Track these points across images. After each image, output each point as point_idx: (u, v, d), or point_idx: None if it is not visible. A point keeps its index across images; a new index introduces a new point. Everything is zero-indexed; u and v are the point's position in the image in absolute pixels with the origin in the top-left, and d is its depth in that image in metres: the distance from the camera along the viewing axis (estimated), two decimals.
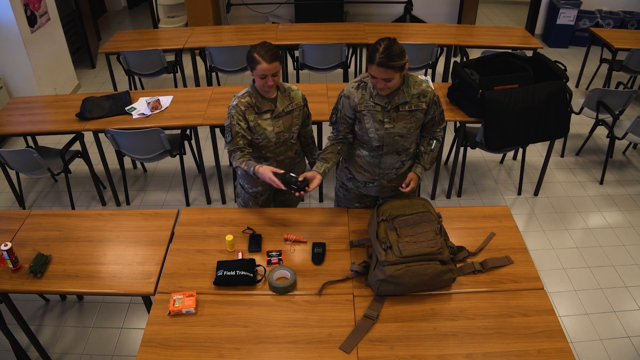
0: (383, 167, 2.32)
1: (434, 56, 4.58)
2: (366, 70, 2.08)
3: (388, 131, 2.18)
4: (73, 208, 3.73)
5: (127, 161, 4.19)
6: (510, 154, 4.33)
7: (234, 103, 2.30)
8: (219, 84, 5.39)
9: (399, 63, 1.95)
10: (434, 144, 2.31)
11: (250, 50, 2.18)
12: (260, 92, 2.29)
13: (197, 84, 5.15)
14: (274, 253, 2.19)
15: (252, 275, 2.04)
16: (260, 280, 2.06)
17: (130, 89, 4.89)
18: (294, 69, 4.81)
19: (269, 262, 2.15)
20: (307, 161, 2.71)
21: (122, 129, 3.29)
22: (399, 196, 2.28)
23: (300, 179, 2.13)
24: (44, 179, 4.14)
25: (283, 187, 2.14)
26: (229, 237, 2.19)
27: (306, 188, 2.13)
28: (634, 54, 4.64)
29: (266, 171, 2.16)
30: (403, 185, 2.27)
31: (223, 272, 2.04)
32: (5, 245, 2.10)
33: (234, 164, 2.30)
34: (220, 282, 2.03)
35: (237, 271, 2.04)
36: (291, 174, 2.15)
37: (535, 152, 4.36)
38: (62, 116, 3.52)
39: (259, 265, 2.12)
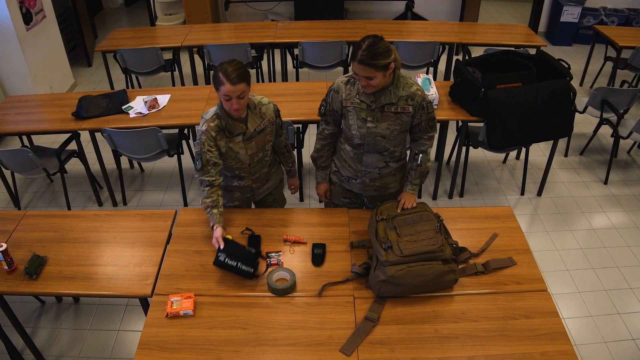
0: (365, 165, 2.29)
1: (435, 54, 4.55)
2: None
3: (370, 130, 2.14)
4: (69, 208, 3.70)
5: (124, 161, 4.15)
6: (513, 153, 4.30)
7: (204, 128, 2.14)
8: None
9: (381, 62, 1.90)
10: (420, 158, 2.24)
11: (216, 67, 2.04)
12: (229, 113, 2.14)
13: (195, 83, 5.11)
14: (273, 254, 2.17)
15: (252, 271, 2.03)
16: (259, 276, 2.05)
17: (127, 87, 4.85)
18: (294, 67, 4.78)
19: (269, 264, 2.13)
20: (284, 169, 2.61)
21: (119, 128, 3.26)
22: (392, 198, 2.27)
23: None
24: (39, 179, 4.10)
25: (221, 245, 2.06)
26: (228, 238, 2.16)
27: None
28: (638, 52, 4.60)
29: (217, 234, 2.08)
30: (397, 209, 2.11)
31: (225, 259, 2.02)
32: (0, 246, 2.08)
33: (201, 202, 2.20)
34: (220, 266, 2.02)
35: (239, 263, 2.02)
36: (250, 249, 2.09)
37: (539, 151, 4.32)
38: (58, 115, 3.48)
39: (261, 256, 2.11)
